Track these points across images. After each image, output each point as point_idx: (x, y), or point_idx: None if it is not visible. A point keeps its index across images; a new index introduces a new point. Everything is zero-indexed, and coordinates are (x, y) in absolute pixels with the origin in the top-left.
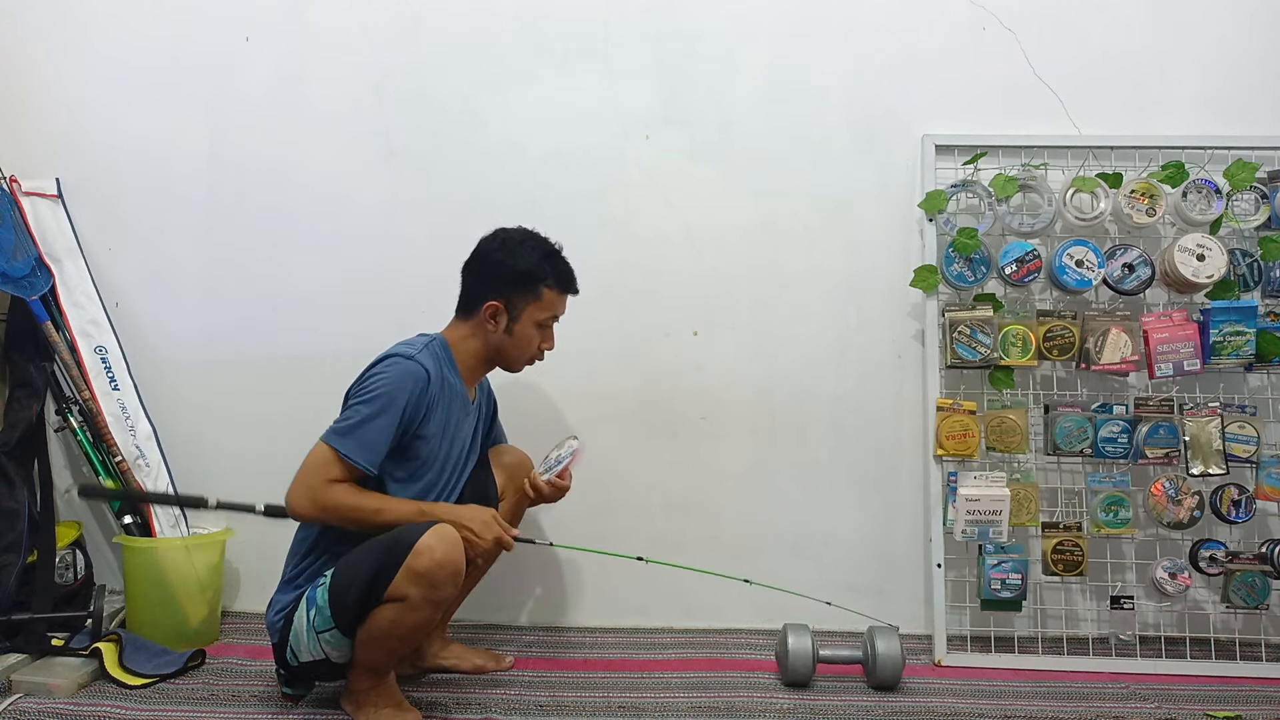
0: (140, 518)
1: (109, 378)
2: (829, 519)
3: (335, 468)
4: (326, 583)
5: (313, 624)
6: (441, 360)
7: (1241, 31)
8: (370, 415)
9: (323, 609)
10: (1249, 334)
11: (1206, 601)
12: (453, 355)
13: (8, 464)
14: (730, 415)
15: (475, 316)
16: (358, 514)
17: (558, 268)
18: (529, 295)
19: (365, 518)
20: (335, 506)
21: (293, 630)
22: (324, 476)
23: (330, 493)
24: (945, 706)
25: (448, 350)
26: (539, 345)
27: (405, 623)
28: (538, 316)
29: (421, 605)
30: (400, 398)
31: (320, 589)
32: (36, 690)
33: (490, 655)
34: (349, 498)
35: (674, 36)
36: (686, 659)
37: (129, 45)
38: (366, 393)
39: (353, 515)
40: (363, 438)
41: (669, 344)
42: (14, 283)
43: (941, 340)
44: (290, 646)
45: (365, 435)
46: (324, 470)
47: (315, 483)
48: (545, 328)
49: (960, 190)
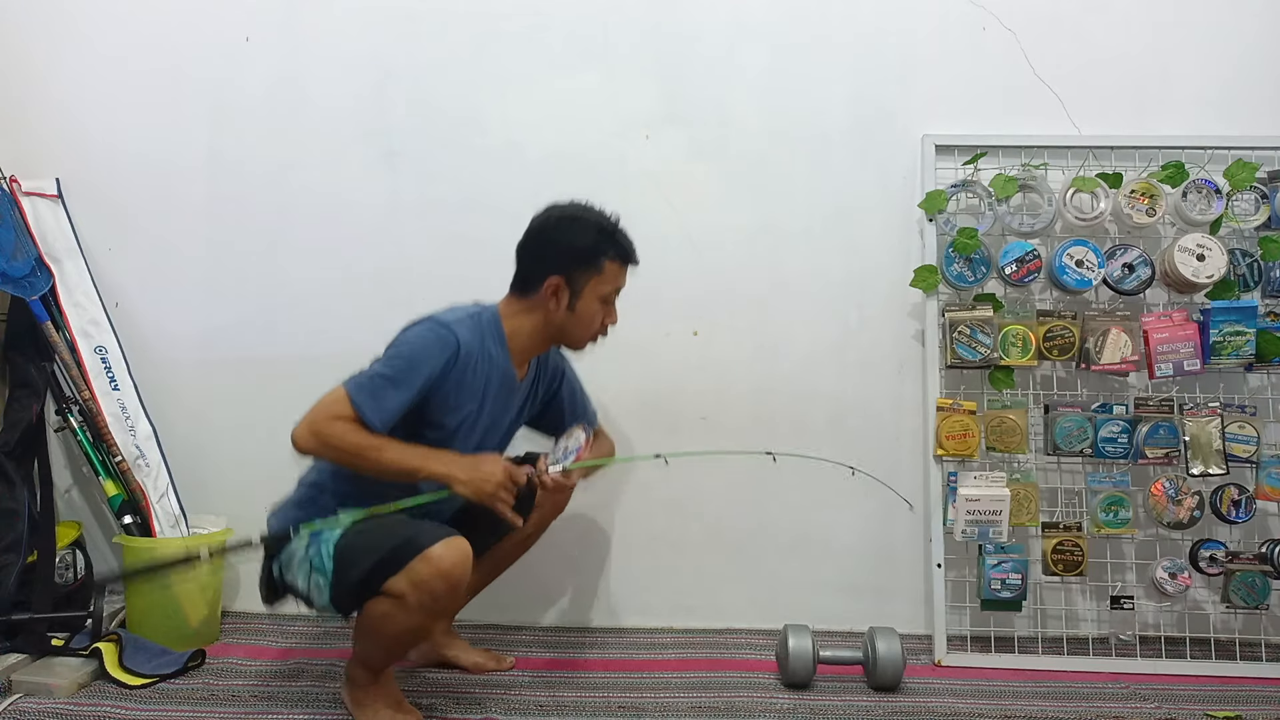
0: (140, 518)
1: (109, 378)
2: (829, 519)
3: (344, 410)
4: (332, 546)
5: (311, 565)
6: (486, 333)
7: (1242, 31)
8: (389, 377)
9: (323, 568)
10: (1249, 334)
11: (1206, 601)
12: (502, 329)
13: (8, 464)
14: (730, 415)
15: (533, 295)
16: (358, 450)
17: (617, 239)
18: (590, 270)
19: (366, 455)
20: (336, 438)
21: (291, 554)
22: (331, 413)
23: (332, 426)
24: (945, 706)
25: (497, 323)
26: (602, 321)
27: (398, 622)
28: (600, 291)
29: (415, 610)
30: (424, 366)
31: (327, 546)
32: (36, 690)
33: (490, 655)
34: (351, 434)
35: (674, 36)
36: (686, 659)
37: (129, 45)
38: (393, 353)
39: (353, 451)
40: (377, 395)
41: (669, 344)
42: (14, 283)
43: (941, 340)
44: (281, 562)
45: (380, 394)
46: (332, 408)
47: (320, 418)
48: (608, 302)
49: (960, 190)
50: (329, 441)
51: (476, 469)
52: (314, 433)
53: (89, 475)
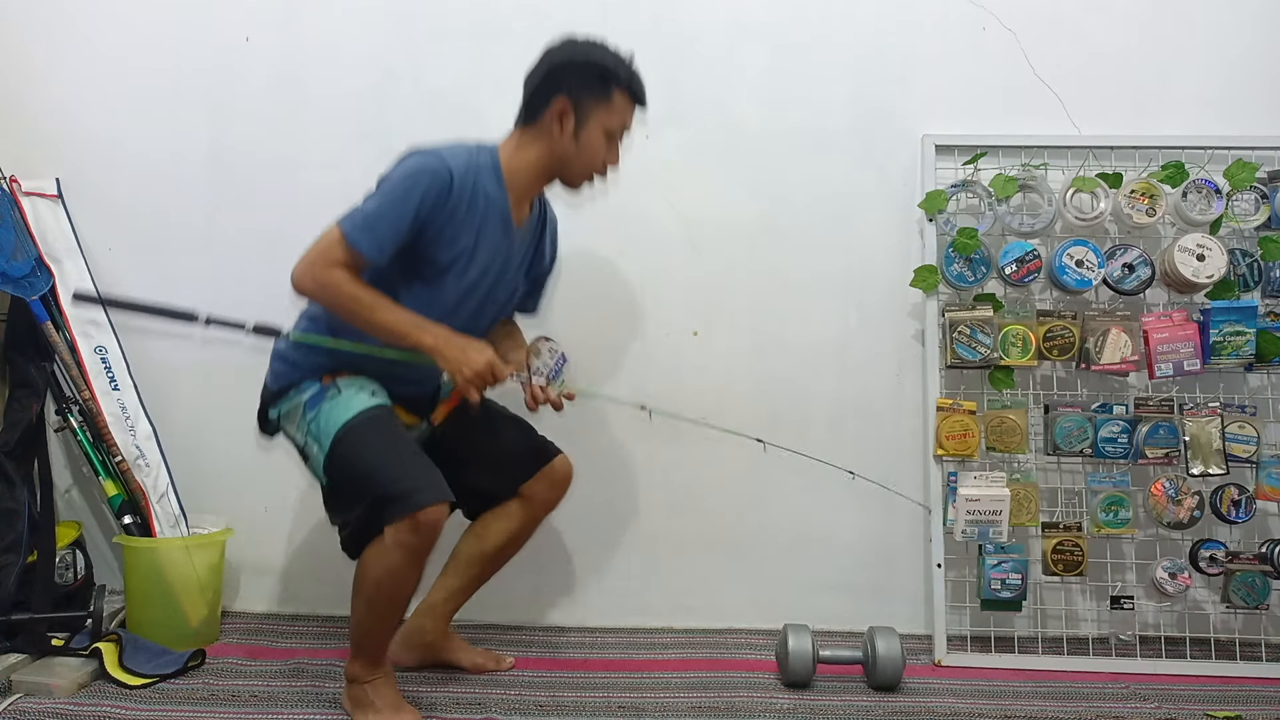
0: (140, 518)
1: (109, 378)
2: (829, 519)
3: (339, 249)
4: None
5: (309, 432)
6: (481, 168)
7: (1242, 31)
8: (380, 205)
9: (320, 444)
10: (1249, 334)
11: (1206, 601)
12: (499, 167)
13: (8, 464)
14: (730, 415)
15: (537, 122)
16: (354, 303)
17: (630, 71)
18: (599, 96)
19: (360, 310)
20: (334, 287)
21: (292, 408)
22: (329, 257)
23: (331, 273)
24: (945, 706)
25: (496, 163)
26: (604, 160)
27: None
28: (607, 123)
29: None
30: (414, 193)
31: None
32: (36, 690)
33: (490, 655)
34: (349, 284)
35: (674, 36)
36: (686, 659)
37: (129, 45)
38: (385, 185)
39: (349, 303)
40: (369, 225)
41: (669, 344)
42: (14, 283)
43: (941, 340)
44: (281, 411)
45: (372, 223)
46: (329, 250)
47: (318, 260)
48: (613, 139)
49: (960, 190)
50: (326, 289)
51: (464, 351)
52: (313, 277)
53: (89, 475)
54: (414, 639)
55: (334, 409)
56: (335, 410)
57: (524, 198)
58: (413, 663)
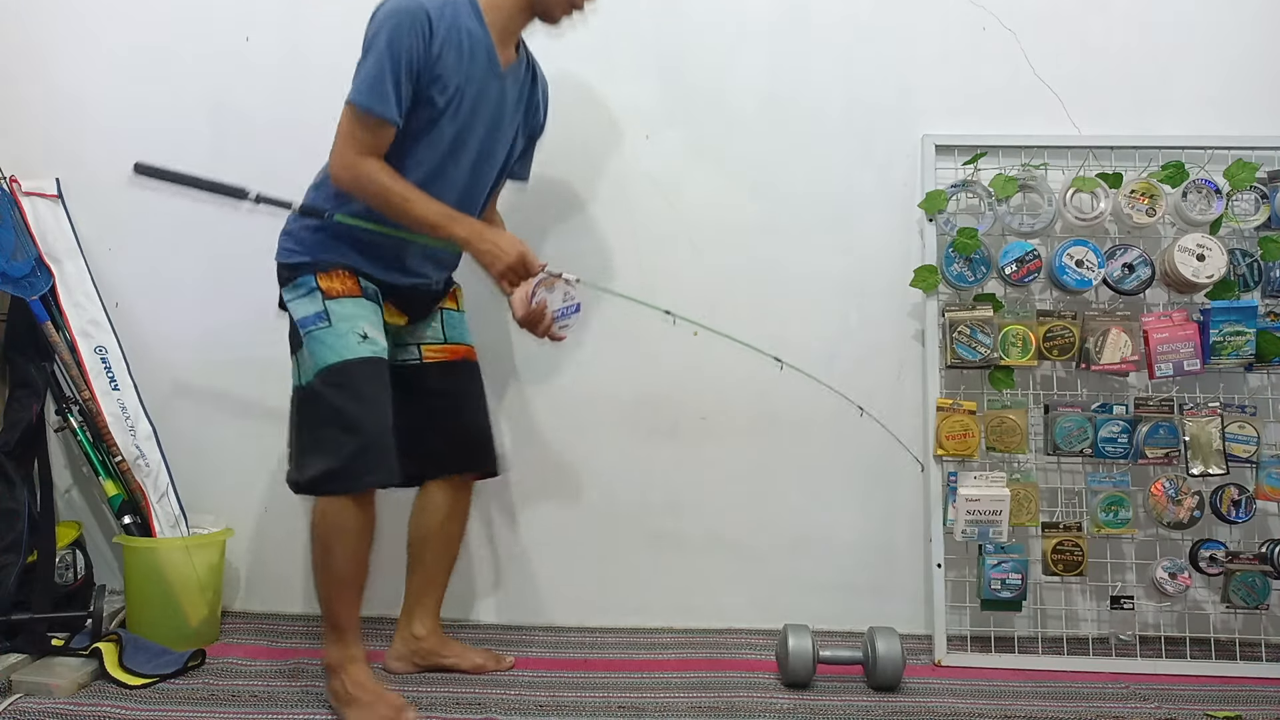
0: (140, 518)
1: (109, 378)
2: (829, 519)
3: (359, 126)
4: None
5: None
6: (459, 6)
7: (1242, 31)
8: (373, 64)
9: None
10: (1249, 334)
11: (1206, 601)
12: (477, 4)
13: (8, 464)
14: (730, 415)
15: None
16: (387, 195)
17: None
18: None
19: (394, 202)
20: (368, 179)
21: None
22: (355, 144)
23: (365, 165)
24: (945, 706)
25: (473, 1)
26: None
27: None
28: None
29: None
30: (398, 37)
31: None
32: (36, 690)
33: (490, 655)
34: (381, 175)
35: (674, 36)
36: (686, 659)
37: (129, 45)
38: (369, 47)
39: (383, 195)
40: (373, 88)
41: (669, 344)
42: (14, 283)
43: (941, 340)
44: (285, 295)
45: (374, 84)
46: (351, 132)
47: (347, 151)
48: None
49: (960, 190)
50: (359, 181)
51: (496, 243)
52: (346, 168)
53: (89, 475)
54: (405, 647)
55: (323, 342)
56: (324, 344)
57: (506, 36)
58: (412, 671)
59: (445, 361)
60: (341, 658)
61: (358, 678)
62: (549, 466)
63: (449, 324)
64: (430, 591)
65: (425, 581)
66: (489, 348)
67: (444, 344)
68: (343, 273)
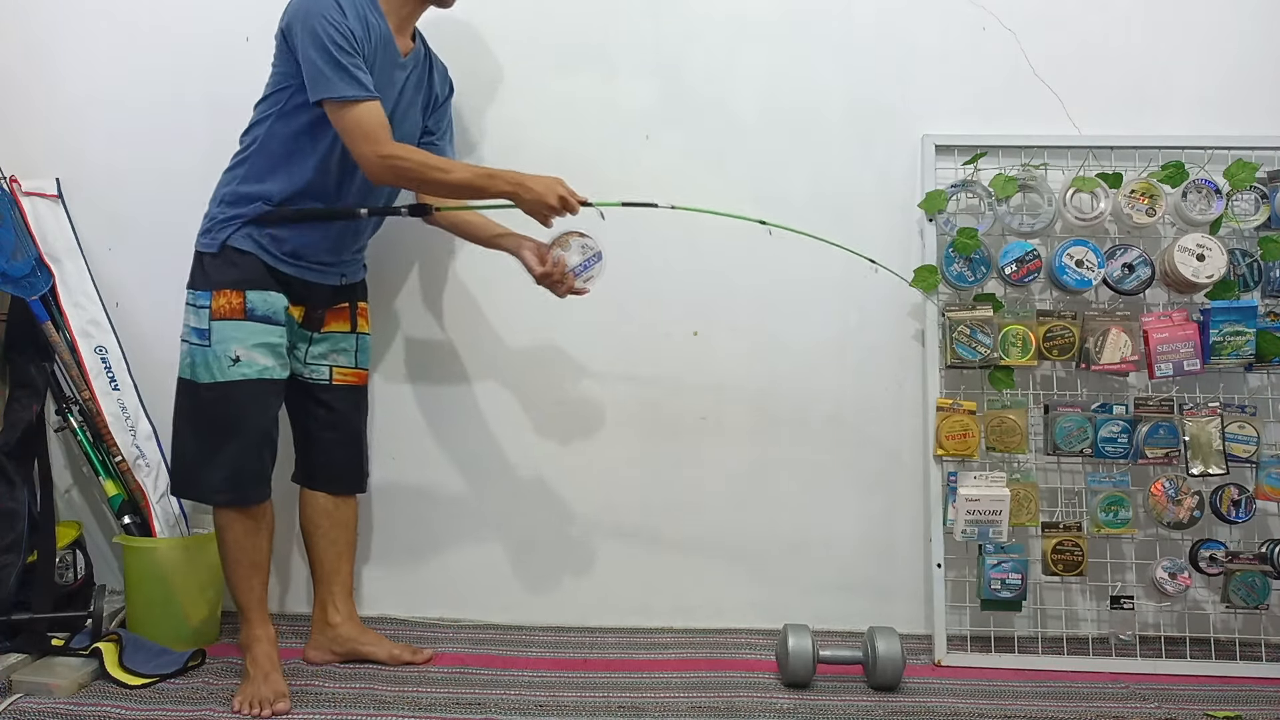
0: (140, 518)
1: (109, 378)
2: (829, 519)
3: (362, 116)
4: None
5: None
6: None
7: (1242, 31)
8: (325, 55)
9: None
10: (1249, 334)
11: (1206, 601)
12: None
13: (8, 464)
14: (730, 415)
15: None
16: (424, 170)
17: None
18: None
19: (434, 175)
20: (404, 160)
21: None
22: (370, 134)
23: (393, 149)
24: (945, 706)
25: None
26: None
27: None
28: None
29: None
30: (328, 26)
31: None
32: (36, 690)
33: (408, 647)
34: (413, 154)
35: (674, 36)
36: (686, 659)
37: (129, 45)
38: (307, 42)
39: (420, 172)
40: (340, 75)
41: (669, 344)
42: (14, 283)
43: (941, 340)
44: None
45: (339, 71)
46: (359, 125)
47: (365, 146)
48: None
49: (960, 190)
50: (396, 169)
51: (539, 181)
52: (380, 157)
53: (89, 475)
54: (321, 636)
55: (199, 360)
56: (200, 362)
57: (403, 25)
58: (332, 660)
59: (349, 385)
60: (248, 637)
61: (256, 655)
62: (549, 466)
63: (361, 349)
64: (334, 580)
65: (328, 571)
66: (489, 347)
67: (354, 369)
68: (230, 293)
